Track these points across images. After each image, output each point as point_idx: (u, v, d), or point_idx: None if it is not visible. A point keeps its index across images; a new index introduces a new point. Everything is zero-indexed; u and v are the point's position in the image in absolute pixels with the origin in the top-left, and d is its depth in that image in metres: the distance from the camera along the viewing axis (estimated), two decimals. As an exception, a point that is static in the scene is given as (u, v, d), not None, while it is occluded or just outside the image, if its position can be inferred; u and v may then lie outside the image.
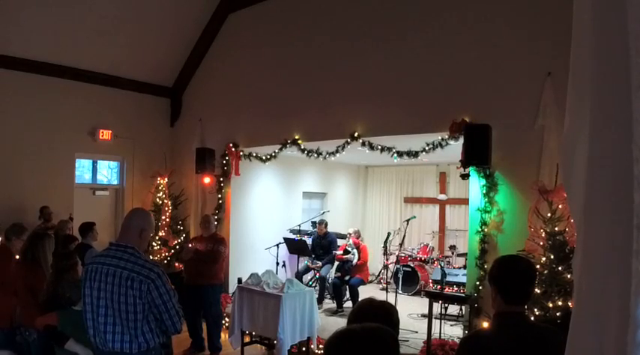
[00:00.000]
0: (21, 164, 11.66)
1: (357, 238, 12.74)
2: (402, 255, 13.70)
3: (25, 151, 11.74)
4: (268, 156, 12.39)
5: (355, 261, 12.33)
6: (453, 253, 13.77)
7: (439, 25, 9.28)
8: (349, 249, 12.53)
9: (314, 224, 14.04)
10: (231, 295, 10.73)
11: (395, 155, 10.03)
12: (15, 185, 11.50)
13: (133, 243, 4.33)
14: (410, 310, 11.94)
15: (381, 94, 9.96)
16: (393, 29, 9.92)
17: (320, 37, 11.14)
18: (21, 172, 11.65)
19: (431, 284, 11.99)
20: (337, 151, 10.85)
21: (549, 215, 7.12)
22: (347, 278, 12.24)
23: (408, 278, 13.73)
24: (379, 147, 10.16)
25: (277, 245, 11.89)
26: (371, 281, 14.60)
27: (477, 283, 8.21)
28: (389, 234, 12.66)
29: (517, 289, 3.11)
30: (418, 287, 13.71)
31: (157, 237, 13.30)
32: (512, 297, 3.10)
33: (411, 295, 13.70)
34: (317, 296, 10.95)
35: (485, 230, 8.29)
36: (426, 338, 8.53)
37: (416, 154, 9.78)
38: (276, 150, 11.94)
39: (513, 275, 3.14)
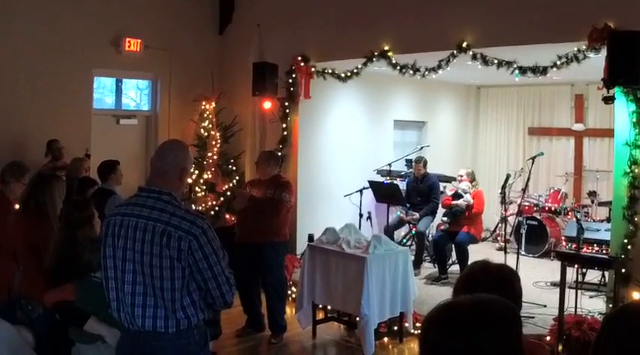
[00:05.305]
0: (22, 86, 11.56)
1: (471, 182, 12.56)
2: (526, 203, 13.65)
3: (27, 69, 11.59)
4: (349, 74, 12.33)
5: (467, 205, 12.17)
6: (592, 202, 13.64)
7: None
8: (461, 192, 12.32)
9: (409, 163, 14.02)
10: (299, 257, 10.81)
11: (516, 72, 9.99)
12: (15, 114, 11.39)
13: (169, 188, 4.28)
14: (536, 277, 11.88)
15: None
16: None
17: None
18: (22, 97, 11.54)
19: (564, 243, 11.96)
20: (440, 66, 10.74)
21: None
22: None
23: (534, 234, 13.69)
24: (495, 61, 10.11)
25: (360, 191, 11.83)
26: (484, 239, 14.57)
27: (625, 241, 8.14)
28: (508, 175, 12.52)
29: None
30: (547, 246, 13.67)
31: (202, 181, 13.43)
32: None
33: (538, 257, 13.69)
34: (413, 258, 10.93)
35: (636, 171, 8.22)
36: (557, 313, 8.45)
37: (544, 71, 9.71)
38: (359, 66, 11.91)
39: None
